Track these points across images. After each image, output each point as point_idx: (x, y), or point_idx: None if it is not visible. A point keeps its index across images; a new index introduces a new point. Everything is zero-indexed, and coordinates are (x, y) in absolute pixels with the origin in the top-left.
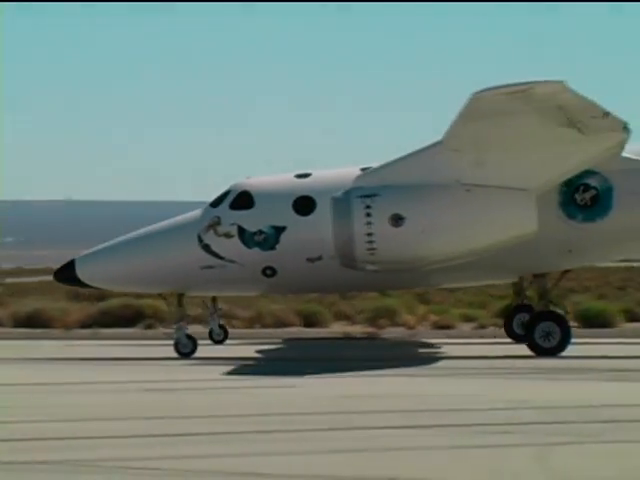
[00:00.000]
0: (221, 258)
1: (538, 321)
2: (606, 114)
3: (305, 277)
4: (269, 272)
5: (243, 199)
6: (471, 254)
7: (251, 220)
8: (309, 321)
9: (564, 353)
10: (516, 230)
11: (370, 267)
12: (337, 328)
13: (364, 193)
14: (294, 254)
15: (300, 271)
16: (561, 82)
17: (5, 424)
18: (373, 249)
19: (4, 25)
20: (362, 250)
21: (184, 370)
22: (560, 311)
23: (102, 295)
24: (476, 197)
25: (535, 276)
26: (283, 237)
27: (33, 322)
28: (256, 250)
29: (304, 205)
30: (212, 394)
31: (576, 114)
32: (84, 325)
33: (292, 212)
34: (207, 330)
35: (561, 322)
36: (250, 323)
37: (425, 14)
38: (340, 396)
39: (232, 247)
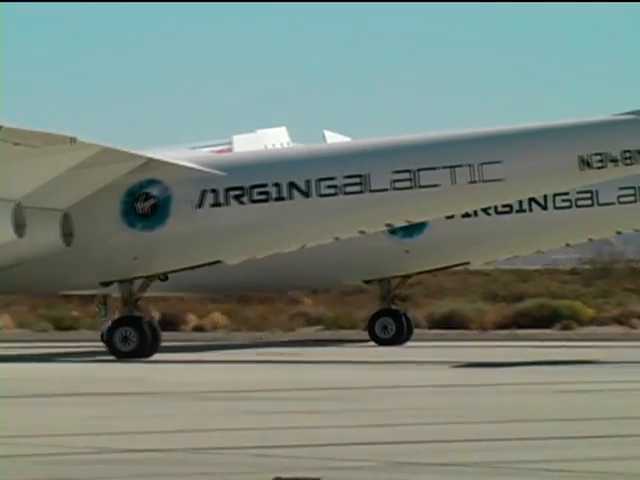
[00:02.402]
0: None
1: (118, 325)
2: None
3: None
4: None
5: None
6: None
7: None
8: None
9: None
10: None
11: None
12: None
13: None
14: None
15: None
16: None
17: (426, 425)
18: None
19: None
20: None
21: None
22: (141, 315)
23: (519, 296)
24: None
25: (121, 282)
26: None
27: (449, 323)
28: None
29: None
30: (622, 396)
31: None
32: (500, 326)
33: None
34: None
35: (139, 327)
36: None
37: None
38: None
39: None
